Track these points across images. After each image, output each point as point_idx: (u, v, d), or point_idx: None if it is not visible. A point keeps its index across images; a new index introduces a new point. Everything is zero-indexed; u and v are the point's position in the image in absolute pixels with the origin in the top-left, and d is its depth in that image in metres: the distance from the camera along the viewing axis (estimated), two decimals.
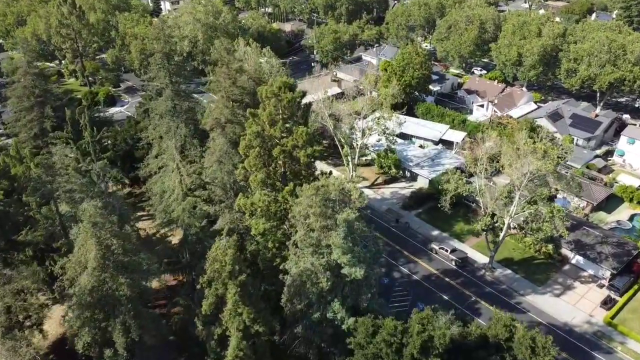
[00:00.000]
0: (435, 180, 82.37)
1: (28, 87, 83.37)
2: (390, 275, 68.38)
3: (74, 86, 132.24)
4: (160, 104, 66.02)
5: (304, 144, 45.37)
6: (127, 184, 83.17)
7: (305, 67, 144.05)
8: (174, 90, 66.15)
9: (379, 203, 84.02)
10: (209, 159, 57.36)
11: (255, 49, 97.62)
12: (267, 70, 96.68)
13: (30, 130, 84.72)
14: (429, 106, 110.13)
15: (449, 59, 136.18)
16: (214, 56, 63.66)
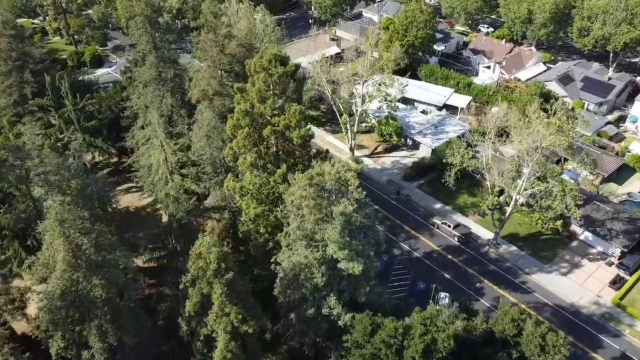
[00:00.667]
0: (439, 150, 78.22)
1: (4, 50, 77.80)
2: (389, 252, 65.44)
3: (59, 45, 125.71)
4: (143, 71, 61.05)
5: (297, 123, 41.11)
6: (113, 154, 79.03)
7: (302, 24, 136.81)
8: (158, 56, 60.97)
9: (379, 173, 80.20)
10: (196, 133, 53.18)
11: (249, 7, 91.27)
12: (261, 30, 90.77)
13: (9, 96, 79.79)
14: (432, 68, 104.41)
15: (454, 16, 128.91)
16: (199, 21, 57.94)
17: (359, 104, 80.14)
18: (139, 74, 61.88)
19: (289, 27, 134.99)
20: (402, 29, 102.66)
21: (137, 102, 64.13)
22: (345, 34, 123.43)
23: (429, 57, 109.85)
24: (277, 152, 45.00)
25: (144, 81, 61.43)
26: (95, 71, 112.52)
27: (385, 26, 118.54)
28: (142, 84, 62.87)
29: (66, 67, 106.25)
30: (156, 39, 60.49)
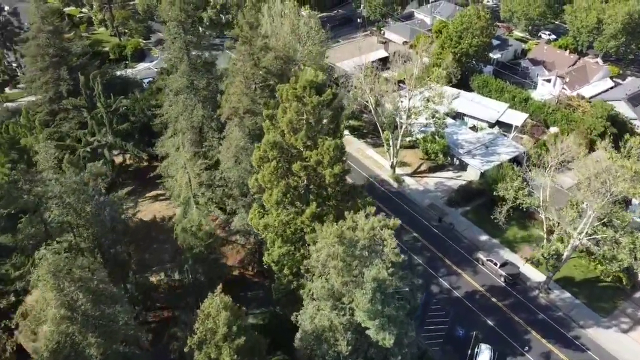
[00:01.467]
0: (489, 175, 71.48)
1: (42, 45, 76.14)
2: (427, 288, 59.87)
3: (103, 36, 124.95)
4: (174, 80, 57.40)
5: (331, 160, 36.23)
6: (144, 159, 76.39)
7: (350, 23, 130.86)
8: (190, 64, 57.13)
9: (420, 195, 74.31)
10: (224, 154, 49.09)
11: (294, 7, 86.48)
12: (305, 32, 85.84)
13: (45, 93, 78.36)
14: (486, 79, 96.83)
15: (513, 21, 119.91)
16: (234, 32, 53.64)
17: (404, 119, 74.26)
18: (170, 82, 58.32)
19: (336, 25, 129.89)
20: (456, 36, 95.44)
21: (168, 110, 60.65)
22: (394, 36, 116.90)
23: (483, 66, 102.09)
24: (308, 186, 40.29)
25: (174, 90, 57.81)
26: (136, 65, 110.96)
27: (437, 29, 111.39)
28: (173, 93, 59.30)
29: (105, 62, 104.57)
30: (190, 46, 56.59)
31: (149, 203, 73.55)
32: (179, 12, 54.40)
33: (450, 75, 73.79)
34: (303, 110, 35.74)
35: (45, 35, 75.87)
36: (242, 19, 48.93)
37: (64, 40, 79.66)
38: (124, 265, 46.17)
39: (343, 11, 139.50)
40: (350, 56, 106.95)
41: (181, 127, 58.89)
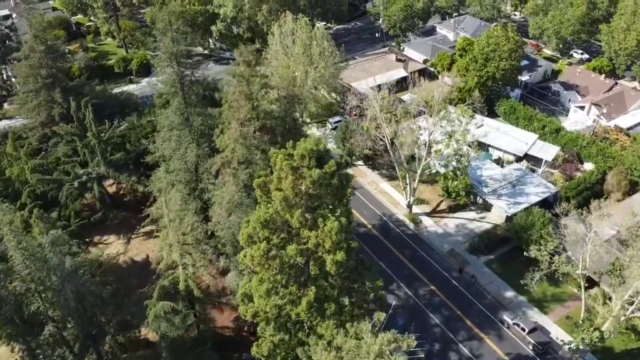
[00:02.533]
0: (516, 220, 64.06)
1: (34, 66, 71.02)
2: (445, 357, 52.98)
3: (110, 47, 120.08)
4: (166, 116, 51.42)
5: (334, 245, 29.76)
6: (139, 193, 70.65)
7: (368, 37, 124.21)
8: (186, 99, 51.07)
9: (439, 239, 67.29)
10: (216, 209, 42.87)
11: (306, 26, 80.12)
12: (317, 54, 79.48)
13: (38, 115, 73.32)
14: (513, 105, 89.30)
15: (543, 39, 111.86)
16: (229, 70, 47.16)
17: (423, 154, 67.25)
18: (162, 119, 52.34)
19: (353, 40, 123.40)
20: (481, 58, 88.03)
21: (161, 147, 54.68)
22: (414, 53, 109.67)
23: (510, 90, 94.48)
24: (306, 264, 33.82)
25: (167, 126, 51.83)
26: (141, 80, 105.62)
27: (461, 47, 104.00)
28: (166, 128, 53.29)
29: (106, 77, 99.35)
30: (184, 79, 50.49)
31: (142, 240, 67.82)
32: (171, 43, 48.22)
33: (476, 110, 66.31)
34: (300, 184, 29.35)
35: (38, 55, 70.75)
36: (239, 55, 42.57)
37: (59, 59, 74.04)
38: (99, 337, 40.38)
39: (361, 24, 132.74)
40: (367, 75, 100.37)
41: (174, 166, 52.86)
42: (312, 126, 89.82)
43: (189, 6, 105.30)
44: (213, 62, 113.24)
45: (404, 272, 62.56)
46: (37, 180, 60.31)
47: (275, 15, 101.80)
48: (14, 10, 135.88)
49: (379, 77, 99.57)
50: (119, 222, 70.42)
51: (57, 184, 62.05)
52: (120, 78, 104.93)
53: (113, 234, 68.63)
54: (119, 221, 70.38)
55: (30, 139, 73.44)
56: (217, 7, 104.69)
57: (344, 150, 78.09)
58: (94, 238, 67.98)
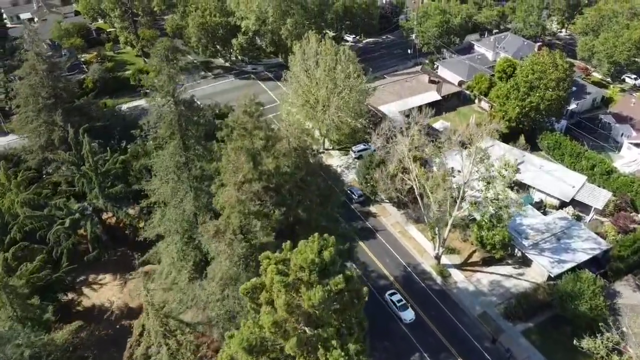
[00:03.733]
0: (562, 286, 55.46)
1: (35, 86, 65.82)
2: None
3: (129, 56, 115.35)
4: (160, 161, 45.03)
5: None
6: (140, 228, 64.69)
7: (400, 53, 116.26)
8: (185, 142, 44.56)
9: (470, 298, 59.23)
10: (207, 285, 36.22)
11: (331, 47, 73.04)
12: (342, 78, 72.33)
13: (37, 138, 68.17)
14: (559, 139, 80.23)
15: (593, 62, 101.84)
16: (227, 121, 40.13)
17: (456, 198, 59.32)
18: (157, 163, 45.96)
19: (383, 55, 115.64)
20: (524, 86, 79.19)
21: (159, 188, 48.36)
22: (448, 73, 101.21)
23: (555, 121, 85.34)
24: None
25: (162, 171, 45.46)
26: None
27: (501, 69, 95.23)
28: (163, 169, 46.89)
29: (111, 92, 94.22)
30: (182, 119, 43.91)
31: (140, 282, 61.70)
32: (168, 80, 41.73)
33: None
34: (297, 305, 22.32)
35: (39, 75, 65.45)
36: (240, 105, 35.67)
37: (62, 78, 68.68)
38: None
39: (392, 37, 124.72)
40: (397, 98, 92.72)
41: (169, 216, 46.51)
42: (334, 154, 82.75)
43: (210, 17, 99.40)
44: (233, 76, 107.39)
45: (428, 338, 54.84)
46: (24, 217, 54.83)
47: (300, 28, 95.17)
48: (36, 14, 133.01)
49: (409, 101, 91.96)
50: (117, 258, 64.78)
51: (48, 221, 56.47)
52: (135, 91, 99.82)
53: (109, 273, 62.99)
54: (117, 258, 64.74)
55: (30, 162, 68.51)
56: (239, 20, 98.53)
57: (366, 187, 70.69)
58: (89, 277, 62.53)
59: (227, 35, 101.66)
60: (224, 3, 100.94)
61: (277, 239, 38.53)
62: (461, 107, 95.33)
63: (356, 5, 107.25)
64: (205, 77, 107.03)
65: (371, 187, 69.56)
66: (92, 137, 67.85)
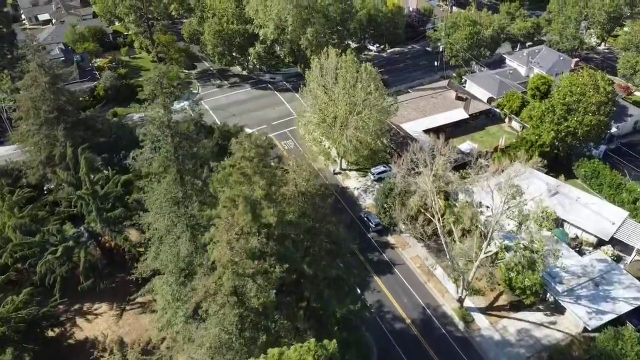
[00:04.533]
0: (600, 343, 49.39)
1: (36, 99, 62.28)
2: None
3: (144, 62, 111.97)
4: (155, 197, 40.60)
5: None
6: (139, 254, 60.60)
7: (425, 64, 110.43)
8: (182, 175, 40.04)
9: (495, 350, 53.47)
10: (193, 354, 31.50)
11: (353, 64, 67.89)
12: (362, 97, 67.19)
13: (38, 153, 64.66)
14: (597, 167, 73.58)
15: (635, 80, 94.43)
16: (223, 164, 35.30)
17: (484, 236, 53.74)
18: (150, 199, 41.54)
19: (408, 66, 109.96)
20: (561, 109, 72.75)
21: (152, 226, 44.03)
22: (477, 88, 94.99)
23: (592, 147, 78.60)
24: None
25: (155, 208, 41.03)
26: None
27: (534, 86, 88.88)
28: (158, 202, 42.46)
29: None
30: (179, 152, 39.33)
31: (137, 313, 57.77)
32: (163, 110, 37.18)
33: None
34: None
35: (41, 88, 61.87)
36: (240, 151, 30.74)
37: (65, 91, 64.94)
38: None
39: (418, 47, 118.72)
40: (421, 115, 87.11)
41: (163, 256, 42.09)
42: (351, 175, 77.58)
43: (227, 25, 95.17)
44: (250, 86, 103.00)
45: None
46: (13, 245, 51.13)
47: (320, 38, 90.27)
48: (54, 15, 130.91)
49: (434, 119, 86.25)
50: (116, 285, 60.84)
51: (39, 248, 52.69)
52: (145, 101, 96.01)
53: (106, 302, 59.05)
54: (116, 285, 60.80)
55: (30, 177, 65.14)
56: (257, 28, 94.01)
57: (385, 218, 65.43)
58: (84, 305, 58.71)
59: (245, 43, 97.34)
60: (243, 10, 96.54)
61: (279, 295, 33.78)
62: (490, 127, 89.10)
63: (381, 14, 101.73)
64: (221, 86, 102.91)
65: (390, 217, 64.24)
66: (96, 151, 64.78)
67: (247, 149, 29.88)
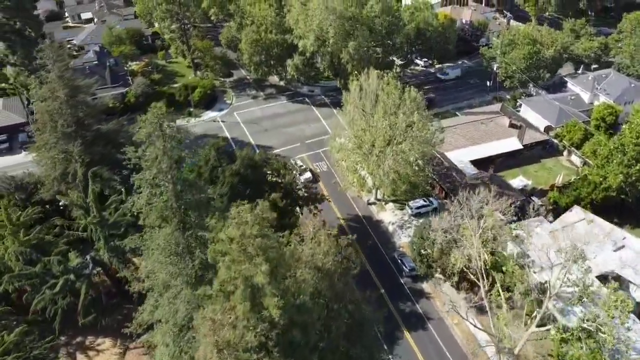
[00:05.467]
0: None
1: (53, 112, 58.42)
2: None
3: (180, 67, 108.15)
4: (154, 241, 35.21)
5: None
6: None
7: (476, 83, 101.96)
8: (185, 224, 34.49)
9: None
10: None
11: (395, 89, 61.05)
12: (403, 127, 60.31)
13: (52, 169, 60.86)
14: None
15: None
16: (217, 233, 29.29)
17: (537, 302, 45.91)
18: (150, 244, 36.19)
19: (458, 84, 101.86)
20: (634, 150, 63.44)
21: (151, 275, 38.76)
22: (533, 115, 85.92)
23: None
24: None
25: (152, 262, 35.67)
26: (201, 114, 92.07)
27: (599, 117, 79.60)
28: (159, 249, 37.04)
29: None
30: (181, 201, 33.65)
31: (140, 354, 52.95)
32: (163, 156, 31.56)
33: None
34: None
35: (59, 100, 57.95)
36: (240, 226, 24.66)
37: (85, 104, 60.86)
38: None
39: (470, 63, 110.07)
40: (469, 142, 79.03)
41: (160, 314, 36.74)
42: (387, 207, 70.64)
43: (265, 34, 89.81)
44: (286, 98, 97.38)
45: None
46: (10, 277, 47.12)
47: (363, 53, 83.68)
48: (96, 14, 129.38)
49: (484, 148, 78.02)
50: (123, 317, 56.19)
51: (39, 279, 48.54)
52: (181, 109, 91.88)
53: (109, 337, 54.67)
54: (123, 317, 56.15)
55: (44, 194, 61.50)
56: (297, 38, 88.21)
57: (421, 267, 58.31)
58: (87, 339, 54.51)
59: (283, 54, 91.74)
60: (283, 18, 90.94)
61: None
62: (546, 159, 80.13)
63: (431, 28, 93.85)
64: (256, 97, 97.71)
65: (427, 266, 57.10)
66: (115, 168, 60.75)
67: (248, 223, 23.86)
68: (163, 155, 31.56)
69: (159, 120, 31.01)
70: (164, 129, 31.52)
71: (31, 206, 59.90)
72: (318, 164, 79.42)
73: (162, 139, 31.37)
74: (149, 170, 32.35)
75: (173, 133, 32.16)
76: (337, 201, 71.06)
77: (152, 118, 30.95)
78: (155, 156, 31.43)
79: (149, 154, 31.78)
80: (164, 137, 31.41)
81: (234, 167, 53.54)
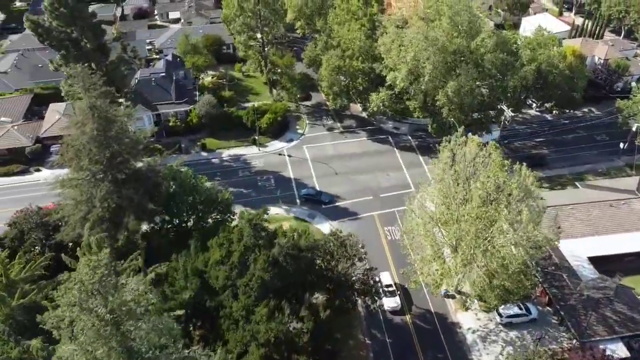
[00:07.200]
0: None
1: (83, 146, 49.55)
2: None
3: (256, 83, 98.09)
4: None
5: None
6: None
7: (604, 141, 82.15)
8: None
9: None
10: None
11: (500, 169, 45.67)
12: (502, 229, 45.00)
13: (75, 209, 52.38)
14: None
15: None
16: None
17: None
18: None
19: (579, 139, 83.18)
20: None
21: None
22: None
23: None
24: None
25: None
26: (267, 143, 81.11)
27: None
28: None
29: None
30: None
31: None
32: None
33: None
34: None
35: (87, 135, 48.96)
36: None
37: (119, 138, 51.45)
38: None
39: (598, 113, 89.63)
40: (590, 230, 60.99)
41: None
42: (468, 307, 54.92)
43: (350, 61, 76.84)
44: (366, 134, 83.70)
45: None
46: None
47: (465, 97, 68.20)
48: (184, 15, 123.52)
49: (610, 241, 59.47)
50: None
51: None
52: (248, 133, 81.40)
53: None
54: None
55: (65, 236, 53.29)
56: (385, 69, 74.38)
57: None
58: None
59: (367, 85, 78.33)
60: (374, 42, 77.39)
61: None
62: None
63: (556, 71, 75.24)
64: (332, 130, 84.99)
65: None
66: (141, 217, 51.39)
67: None
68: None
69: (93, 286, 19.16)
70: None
71: (48, 250, 52.19)
72: (389, 228, 65.29)
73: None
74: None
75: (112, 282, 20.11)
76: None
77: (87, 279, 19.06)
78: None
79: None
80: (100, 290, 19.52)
81: (269, 253, 41.36)
